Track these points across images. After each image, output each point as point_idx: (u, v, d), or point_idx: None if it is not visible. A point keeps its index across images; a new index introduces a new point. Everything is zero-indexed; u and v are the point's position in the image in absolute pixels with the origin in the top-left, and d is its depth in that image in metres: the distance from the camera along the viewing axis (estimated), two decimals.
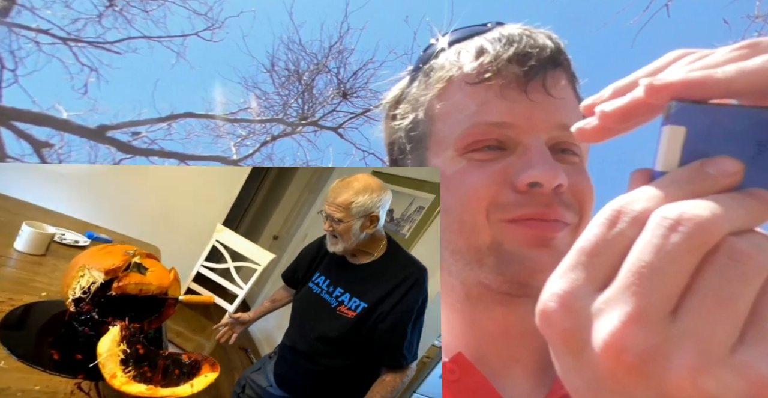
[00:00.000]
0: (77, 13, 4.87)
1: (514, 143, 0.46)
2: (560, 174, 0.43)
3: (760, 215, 0.20)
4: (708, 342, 0.18)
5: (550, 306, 0.21)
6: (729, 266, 0.18)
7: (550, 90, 0.46)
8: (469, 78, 0.47)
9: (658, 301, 0.19)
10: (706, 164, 0.21)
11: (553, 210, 0.44)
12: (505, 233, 0.45)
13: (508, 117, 0.45)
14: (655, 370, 0.18)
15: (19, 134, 4.20)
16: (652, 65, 0.25)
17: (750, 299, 0.18)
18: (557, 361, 0.22)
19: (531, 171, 0.43)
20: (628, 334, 0.19)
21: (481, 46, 0.48)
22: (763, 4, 3.53)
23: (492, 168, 0.45)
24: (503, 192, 0.45)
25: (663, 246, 0.19)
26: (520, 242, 0.44)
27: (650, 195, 0.21)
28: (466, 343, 0.49)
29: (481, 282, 0.47)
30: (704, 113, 0.21)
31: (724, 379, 0.17)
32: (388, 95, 0.58)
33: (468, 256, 0.47)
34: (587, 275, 0.21)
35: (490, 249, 0.45)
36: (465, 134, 0.46)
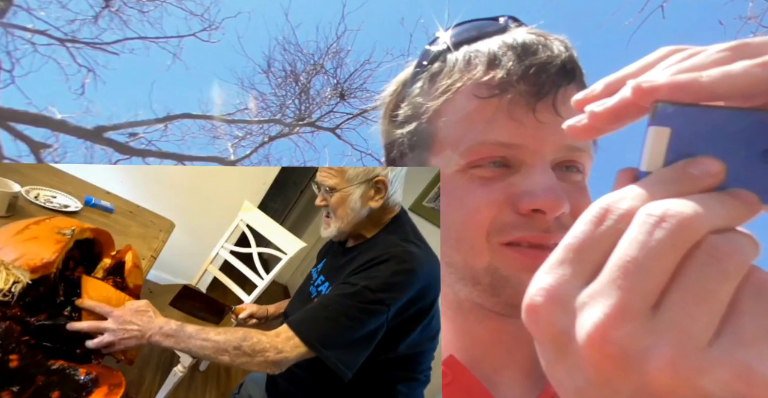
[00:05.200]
0: (73, 14, 4.85)
1: (519, 162, 0.45)
2: (564, 204, 0.42)
3: (742, 214, 0.21)
4: (687, 335, 0.18)
5: (537, 300, 0.22)
6: (709, 264, 0.19)
7: (559, 110, 0.44)
8: (479, 91, 0.45)
9: (641, 295, 0.19)
10: (690, 165, 0.22)
11: (552, 235, 0.43)
12: (503, 258, 0.44)
13: (515, 138, 0.44)
14: (636, 361, 0.19)
15: (16, 134, 4.19)
16: (641, 61, 0.25)
17: (728, 295, 0.19)
18: (542, 356, 0.23)
19: (536, 199, 0.42)
20: (611, 326, 0.19)
21: (494, 54, 0.46)
22: (755, 5, 3.55)
23: (495, 186, 0.44)
24: (504, 212, 0.44)
25: (647, 242, 0.19)
26: (516, 267, 0.44)
27: (636, 194, 0.21)
28: (458, 348, 0.49)
29: (473, 300, 0.47)
30: (689, 115, 0.22)
31: (701, 371, 0.18)
32: (387, 89, 0.56)
33: (463, 272, 0.46)
34: (573, 271, 0.21)
35: (486, 271, 0.45)
36: (471, 150, 0.45)
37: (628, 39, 3.92)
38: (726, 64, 0.22)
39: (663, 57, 0.25)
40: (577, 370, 0.21)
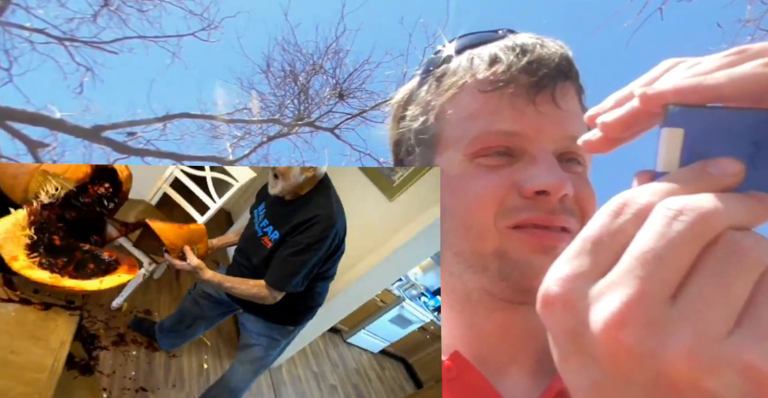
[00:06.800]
0: (72, 13, 4.85)
1: (522, 151, 0.46)
2: (567, 184, 0.44)
3: (760, 215, 0.21)
4: (705, 326, 0.19)
5: (553, 290, 0.22)
6: (729, 257, 0.19)
7: (558, 102, 0.47)
8: (482, 86, 0.48)
9: (658, 285, 0.19)
10: (709, 165, 0.22)
11: (557, 217, 0.44)
12: (511, 241, 0.45)
13: (518, 126, 0.46)
14: (652, 351, 0.19)
15: (14, 133, 4.18)
16: (647, 75, 0.26)
17: (747, 288, 0.19)
18: (555, 347, 0.23)
19: (540, 179, 0.44)
20: (628, 314, 0.19)
21: (495, 54, 0.48)
22: (754, 7, 3.57)
23: (500, 173, 0.46)
24: (510, 196, 0.45)
25: (666, 233, 0.20)
26: (524, 250, 0.45)
27: (655, 190, 0.22)
28: (465, 343, 0.49)
29: (483, 287, 0.47)
30: (700, 115, 0.22)
31: (718, 361, 0.18)
32: (397, 96, 0.58)
33: (471, 260, 0.47)
34: (591, 262, 0.21)
35: (495, 256, 0.45)
36: (475, 140, 0.47)
37: (627, 41, 3.94)
38: (730, 68, 0.22)
39: (668, 69, 0.25)
40: (591, 362, 0.21)
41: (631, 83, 0.26)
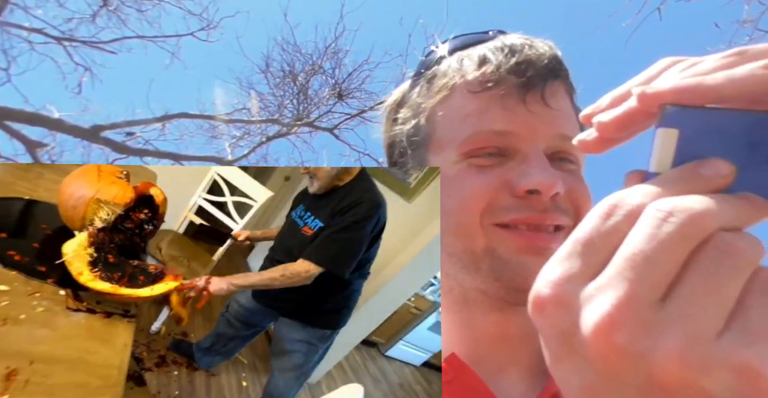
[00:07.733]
0: (71, 13, 4.83)
1: (514, 151, 0.46)
2: (558, 183, 0.44)
3: (750, 216, 0.21)
4: (696, 327, 0.19)
5: (544, 292, 0.22)
6: (719, 258, 0.19)
7: (548, 101, 0.47)
8: (472, 87, 0.48)
9: (649, 287, 0.19)
10: (700, 166, 0.22)
11: (549, 215, 0.44)
12: (499, 239, 0.45)
13: (508, 126, 0.46)
14: (644, 352, 0.19)
15: (12, 133, 4.17)
16: (644, 74, 0.26)
17: (737, 289, 0.19)
18: (547, 351, 0.23)
19: (531, 178, 0.44)
20: (618, 316, 0.19)
21: (484, 55, 0.49)
22: (751, 8, 3.57)
23: (491, 173, 0.46)
24: (501, 196, 0.45)
25: (656, 235, 0.20)
26: (514, 250, 0.45)
27: (645, 191, 0.22)
28: (462, 344, 0.49)
29: (478, 287, 0.47)
30: (696, 116, 0.22)
31: (710, 361, 0.18)
32: (390, 99, 0.58)
33: (464, 259, 0.47)
34: (582, 264, 0.21)
35: (485, 254, 0.46)
36: (467, 141, 0.47)
37: (626, 40, 3.94)
38: (729, 69, 0.22)
39: (665, 68, 0.25)
40: (583, 364, 0.21)
41: (628, 82, 0.26)
